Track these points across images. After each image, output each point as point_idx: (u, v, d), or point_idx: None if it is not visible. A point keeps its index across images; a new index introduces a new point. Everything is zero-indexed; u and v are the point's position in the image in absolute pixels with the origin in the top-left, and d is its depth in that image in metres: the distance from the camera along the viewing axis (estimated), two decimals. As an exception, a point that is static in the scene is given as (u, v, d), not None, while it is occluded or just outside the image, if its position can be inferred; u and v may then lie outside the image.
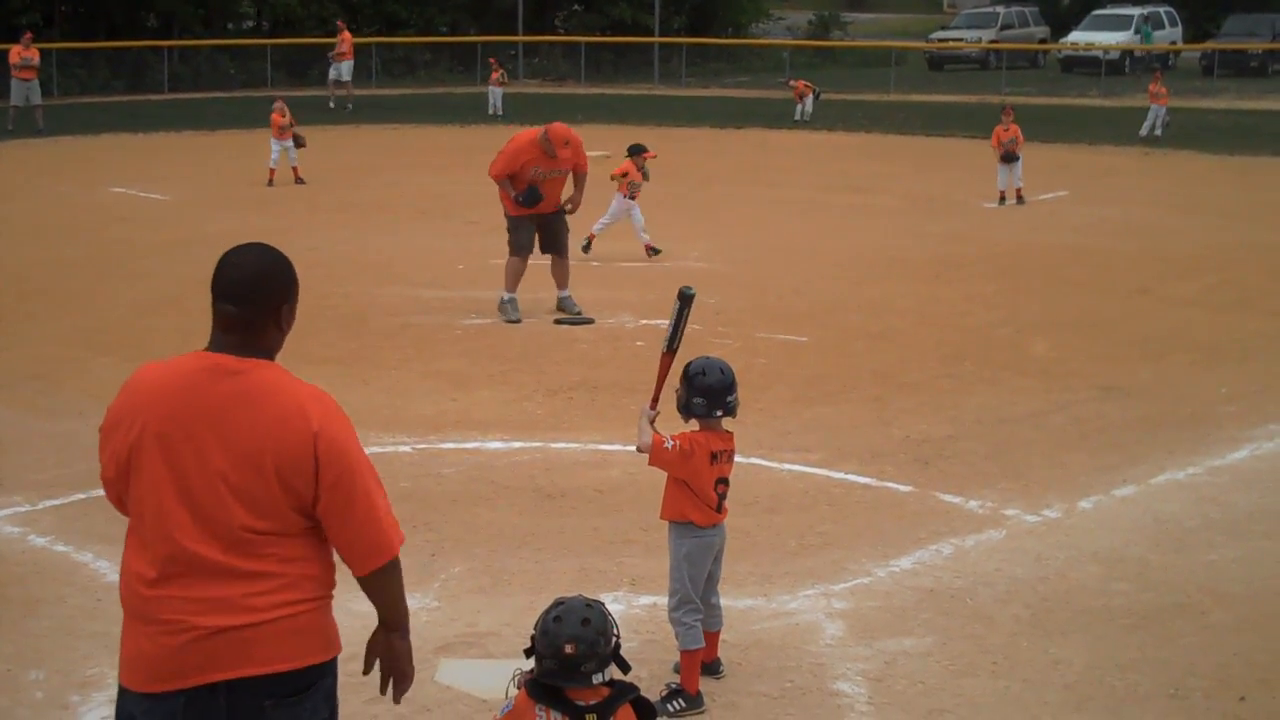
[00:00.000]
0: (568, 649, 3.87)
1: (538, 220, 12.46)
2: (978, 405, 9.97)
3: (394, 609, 3.67)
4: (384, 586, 3.62)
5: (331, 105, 33.81)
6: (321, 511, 3.51)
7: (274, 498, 3.47)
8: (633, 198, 15.24)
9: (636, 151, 15.37)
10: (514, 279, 12.42)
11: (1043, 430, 9.38)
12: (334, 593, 3.64)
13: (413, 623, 3.81)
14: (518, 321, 12.28)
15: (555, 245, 12.54)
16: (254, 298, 3.58)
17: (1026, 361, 11.25)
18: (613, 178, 15.40)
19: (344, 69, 34.22)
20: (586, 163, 12.72)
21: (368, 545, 3.55)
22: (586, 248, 15.17)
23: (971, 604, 6.51)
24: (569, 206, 12.59)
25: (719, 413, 5.55)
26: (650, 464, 5.57)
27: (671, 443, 5.48)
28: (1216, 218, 19.06)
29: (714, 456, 5.52)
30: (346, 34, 34.62)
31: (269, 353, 3.62)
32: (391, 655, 3.69)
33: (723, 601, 5.83)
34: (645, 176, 15.35)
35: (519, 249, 12.46)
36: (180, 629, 3.43)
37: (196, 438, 3.48)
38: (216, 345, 3.59)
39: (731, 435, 5.66)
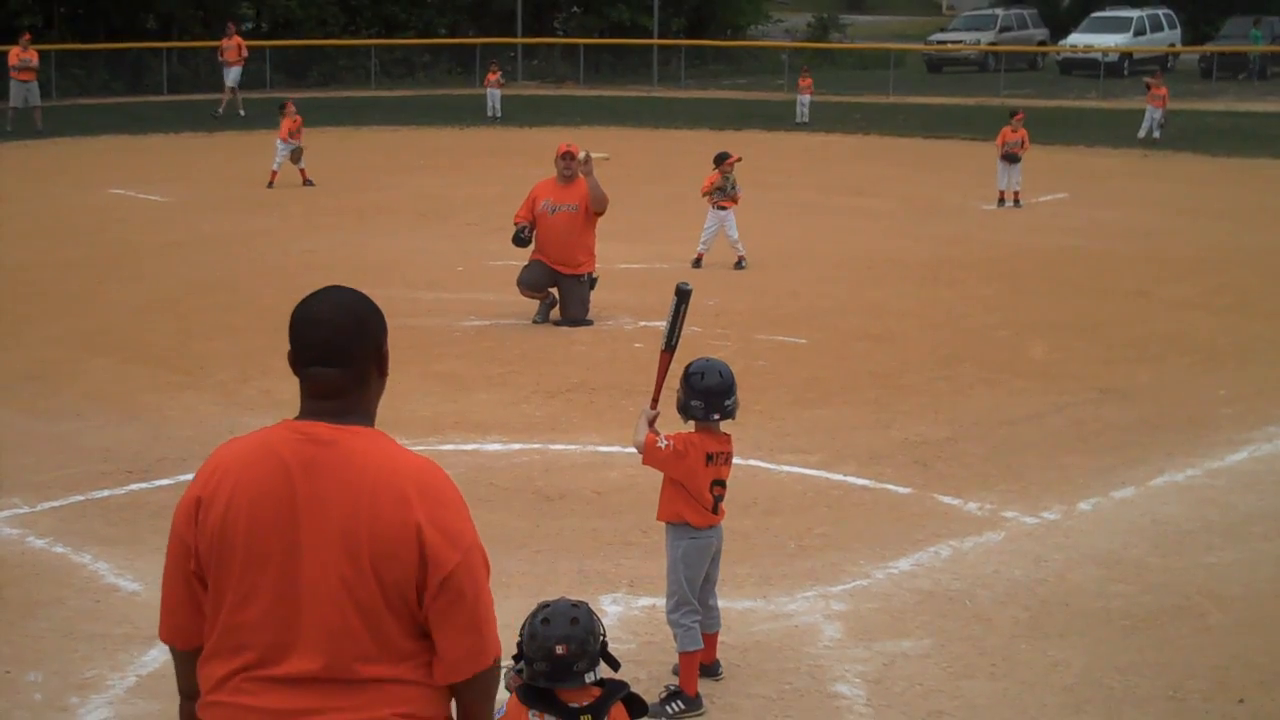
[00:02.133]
0: (559, 650, 3.86)
1: (554, 275, 12.36)
2: (976, 407, 9.97)
3: (478, 713, 3.17)
4: (472, 695, 3.12)
5: (219, 113, 31.96)
6: (425, 611, 3.03)
7: (371, 595, 2.98)
8: (722, 207, 14.83)
9: (720, 160, 15.00)
10: (533, 299, 12.48)
11: (1041, 432, 9.38)
12: None
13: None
14: (540, 322, 12.33)
15: (569, 314, 12.33)
16: (354, 352, 3.11)
17: (1025, 363, 11.25)
18: (704, 195, 14.98)
19: (232, 74, 32.63)
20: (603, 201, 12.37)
21: (461, 653, 3.06)
22: (696, 264, 14.90)
23: (970, 606, 6.51)
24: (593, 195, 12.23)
25: (716, 416, 5.53)
26: (644, 463, 5.56)
27: (665, 442, 5.47)
28: (1215, 220, 19.07)
29: (710, 458, 5.51)
30: (236, 38, 33.13)
31: (370, 411, 3.17)
32: None
33: (721, 603, 5.83)
34: (731, 184, 14.77)
35: (519, 282, 12.48)
36: None
37: (287, 524, 3.00)
38: (310, 413, 3.09)
39: (729, 437, 5.65)
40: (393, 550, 2.98)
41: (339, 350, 3.09)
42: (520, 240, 12.44)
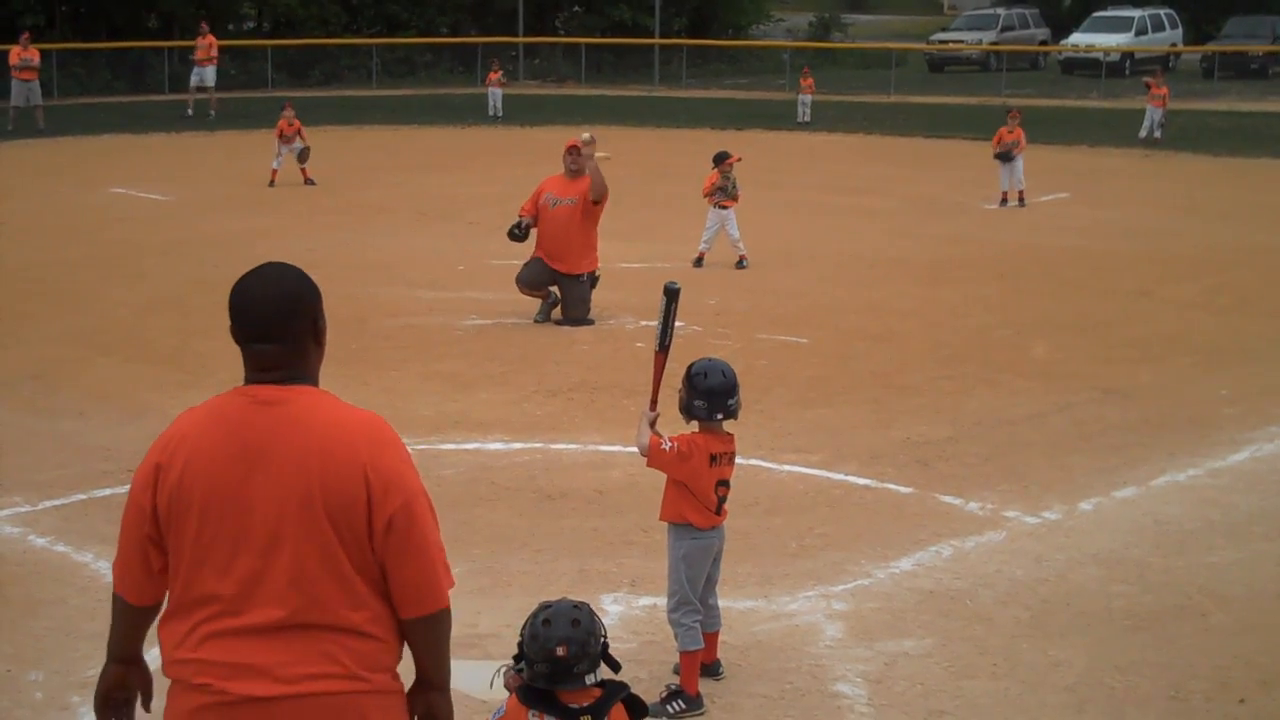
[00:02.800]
0: (559, 651, 3.85)
1: (555, 274, 12.33)
2: (978, 407, 9.97)
3: (436, 663, 3.36)
4: (429, 636, 3.32)
5: (189, 112, 31.83)
6: (378, 552, 3.19)
7: (328, 542, 3.15)
8: (723, 207, 14.82)
9: (719, 159, 15.00)
10: (532, 298, 12.47)
11: (1043, 432, 9.38)
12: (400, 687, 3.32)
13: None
14: (542, 321, 12.33)
15: (570, 314, 12.31)
16: (289, 328, 3.27)
17: (1026, 363, 11.24)
18: (705, 195, 14.97)
19: (207, 74, 32.29)
20: (600, 198, 12.30)
21: (417, 591, 3.25)
22: (697, 263, 14.93)
23: (971, 605, 6.51)
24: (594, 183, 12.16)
25: (720, 415, 5.52)
26: (649, 466, 5.56)
27: (669, 444, 5.46)
28: (1217, 220, 19.07)
29: (714, 458, 5.50)
30: (210, 37, 32.69)
31: (312, 375, 3.33)
32: (431, 715, 3.39)
33: (722, 603, 5.83)
34: (732, 184, 14.78)
35: (518, 280, 12.47)
36: (203, 692, 3.14)
37: (241, 479, 3.17)
38: (255, 382, 3.28)
39: (732, 437, 5.64)
40: (344, 496, 3.15)
41: (276, 329, 3.26)
42: (515, 234, 12.40)
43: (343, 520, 3.16)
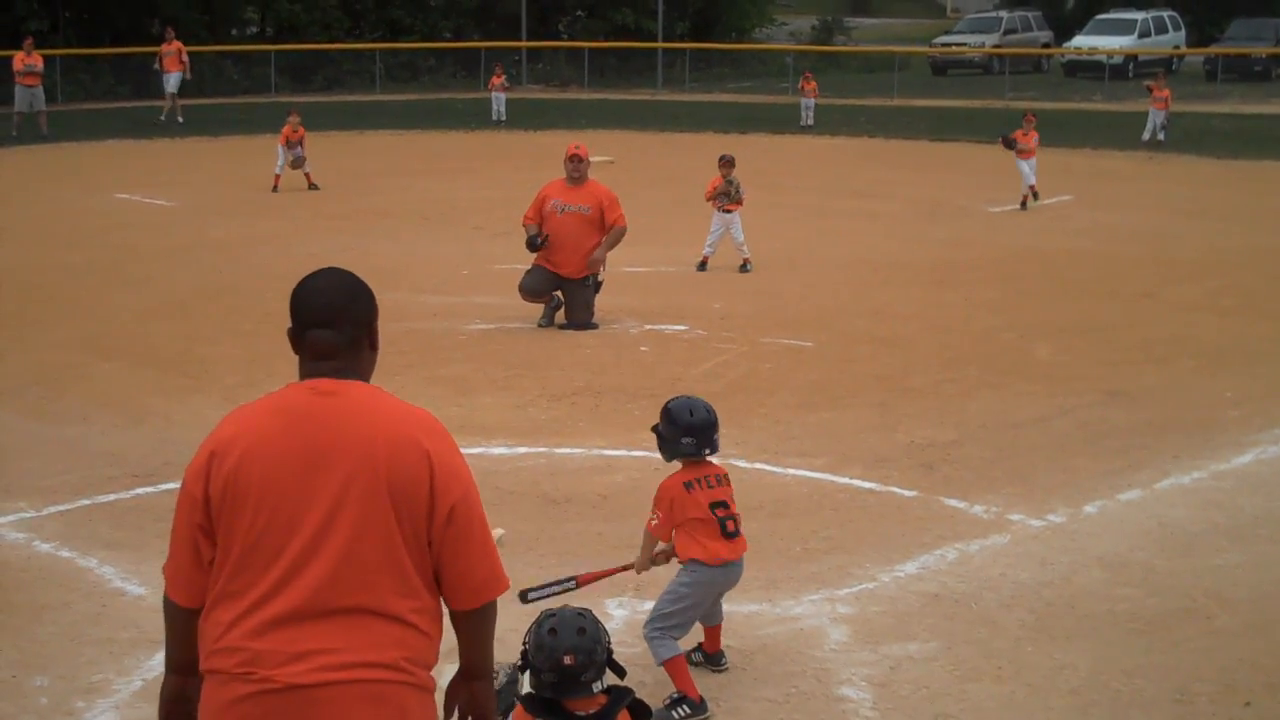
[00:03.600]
0: (567, 661, 3.84)
1: (559, 280, 12.32)
2: (982, 410, 9.96)
3: (483, 652, 3.45)
4: (479, 627, 3.41)
5: (180, 120, 31.66)
6: (436, 543, 3.28)
7: (389, 531, 3.23)
8: (727, 211, 14.86)
9: (721, 162, 15.06)
10: (536, 304, 12.46)
11: (1047, 435, 9.37)
12: (434, 680, 3.36)
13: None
14: (546, 326, 12.32)
15: (573, 319, 12.29)
16: (348, 317, 3.39)
17: (1030, 366, 11.24)
18: (708, 199, 15.03)
19: (170, 81, 32.04)
20: (619, 217, 12.30)
21: (480, 578, 3.34)
22: (701, 267, 14.98)
23: (976, 609, 6.50)
24: (591, 269, 12.18)
25: (707, 451, 5.52)
26: (664, 540, 5.61)
27: (655, 517, 5.52)
28: (1221, 222, 19.06)
29: (689, 485, 5.50)
30: (175, 43, 32.32)
31: (365, 375, 3.43)
32: (474, 704, 3.46)
33: (727, 607, 5.84)
34: (735, 187, 14.81)
35: (521, 288, 12.45)
36: (246, 680, 3.16)
37: (304, 468, 3.23)
38: (310, 374, 3.38)
39: (713, 464, 5.64)
40: (409, 481, 3.24)
41: (334, 315, 3.38)
42: (534, 245, 12.39)
43: (405, 505, 3.23)
